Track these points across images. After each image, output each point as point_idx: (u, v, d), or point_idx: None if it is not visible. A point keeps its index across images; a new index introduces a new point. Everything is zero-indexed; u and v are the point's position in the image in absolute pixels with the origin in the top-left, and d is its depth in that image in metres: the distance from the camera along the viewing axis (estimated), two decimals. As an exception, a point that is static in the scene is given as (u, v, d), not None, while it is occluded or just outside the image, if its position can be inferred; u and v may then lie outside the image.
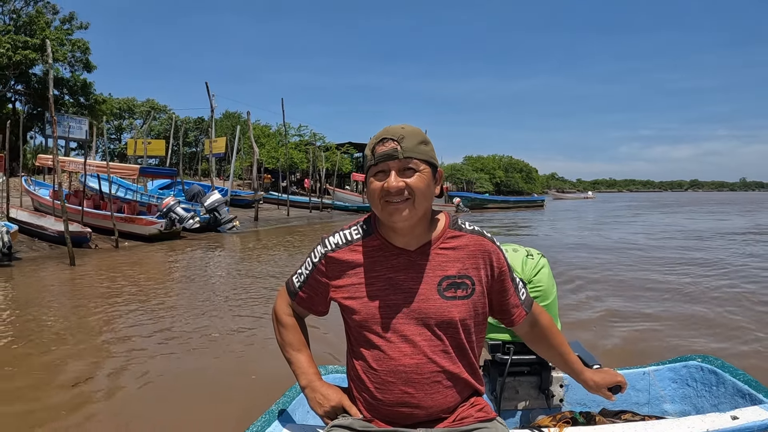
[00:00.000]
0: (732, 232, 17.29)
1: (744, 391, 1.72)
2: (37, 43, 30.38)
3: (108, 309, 6.32)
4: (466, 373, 1.37)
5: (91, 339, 5.12)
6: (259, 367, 4.19)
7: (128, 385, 3.91)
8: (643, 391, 1.99)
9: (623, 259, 10.53)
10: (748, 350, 4.66)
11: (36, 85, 34.37)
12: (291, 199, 27.97)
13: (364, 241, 1.39)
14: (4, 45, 28.46)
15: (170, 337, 5.13)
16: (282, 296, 1.54)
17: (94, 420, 3.31)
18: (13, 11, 33.39)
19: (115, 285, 8.00)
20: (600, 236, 16.42)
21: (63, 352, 4.67)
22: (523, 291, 1.48)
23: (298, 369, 1.48)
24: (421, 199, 1.29)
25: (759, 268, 9.03)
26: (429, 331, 1.33)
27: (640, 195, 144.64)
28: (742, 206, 42.73)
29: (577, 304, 6.49)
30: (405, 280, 1.34)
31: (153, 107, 59.30)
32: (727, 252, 11.56)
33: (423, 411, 1.33)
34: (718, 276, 8.39)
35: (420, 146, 1.30)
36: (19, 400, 3.60)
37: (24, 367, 4.29)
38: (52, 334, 5.22)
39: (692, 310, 6.11)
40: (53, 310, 6.35)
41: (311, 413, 1.62)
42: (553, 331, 1.54)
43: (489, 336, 1.89)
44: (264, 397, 2.40)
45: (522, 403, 1.97)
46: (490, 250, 1.38)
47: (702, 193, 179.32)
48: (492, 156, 79.64)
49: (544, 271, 1.93)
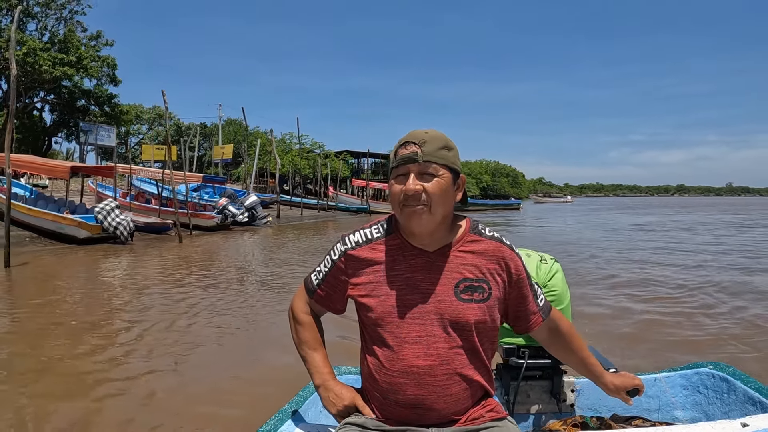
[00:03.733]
0: (621, 227, 22.06)
1: (755, 398, 1.70)
2: (72, 60, 34.18)
3: (228, 262, 10.51)
4: (479, 375, 1.36)
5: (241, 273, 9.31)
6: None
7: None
8: (654, 397, 1.98)
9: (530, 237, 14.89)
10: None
11: (65, 95, 38.07)
12: (300, 201, 32.30)
13: (384, 240, 1.40)
14: (45, 62, 32.19)
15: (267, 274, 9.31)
16: (300, 294, 1.54)
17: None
18: (44, 28, 37.31)
19: (220, 251, 12.21)
20: (539, 225, 20.94)
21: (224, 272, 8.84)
22: (542, 297, 1.48)
23: (312, 367, 1.47)
24: (438, 204, 1.29)
25: (638, 249, 13.34)
26: (444, 333, 1.32)
27: (622, 199, 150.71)
28: (677, 208, 48.06)
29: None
30: (423, 281, 1.34)
31: (159, 114, 63.09)
32: (595, 239, 15.99)
33: (435, 413, 1.33)
34: (587, 257, 12.65)
35: (441, 151, 1.30)
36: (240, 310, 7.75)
37: (231, 292, 8.43)
38: (223, 278, 9.40)
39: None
40: (206, 266, 10.52)
41: (324, 413, 1.61)
42: (573, 335, 1.53)
43: (503, 340, 1.90)
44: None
45: (533, 407, 1.97)
46: (508, 256, 1.38)
47: (679, 198, 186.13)
48: (479, 161, 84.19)
49: (558, 275, 1.93)
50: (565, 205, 69.19)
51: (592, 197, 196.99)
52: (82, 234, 13.22)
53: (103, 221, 13.36)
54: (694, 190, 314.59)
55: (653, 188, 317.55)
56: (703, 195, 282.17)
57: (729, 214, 36.79)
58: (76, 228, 13.21)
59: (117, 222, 13.46)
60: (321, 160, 42.88)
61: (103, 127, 36.70)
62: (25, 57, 30.93)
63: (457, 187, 1.35)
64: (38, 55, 31.59)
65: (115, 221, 13.44)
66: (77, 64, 33.99)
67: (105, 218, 13.37)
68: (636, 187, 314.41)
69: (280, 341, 4.52)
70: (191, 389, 3.66)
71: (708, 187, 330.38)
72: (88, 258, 11.23)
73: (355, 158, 56.48)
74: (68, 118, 39.63)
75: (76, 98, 37.98)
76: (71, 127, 40.08)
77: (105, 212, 13.49)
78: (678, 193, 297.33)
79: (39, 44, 32.62)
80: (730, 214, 35.39)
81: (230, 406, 3.35)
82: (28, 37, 33.14)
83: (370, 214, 35.70)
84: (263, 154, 41.00)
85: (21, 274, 8.98)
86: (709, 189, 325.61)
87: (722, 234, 18.35)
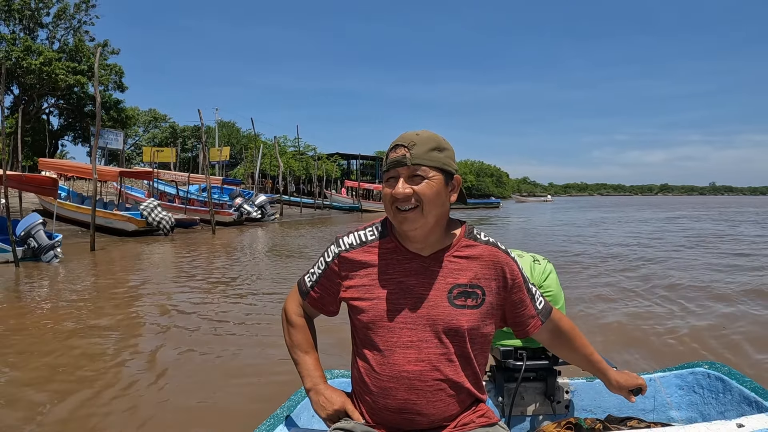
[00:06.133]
0: (577, 221, 25.34)
1: (751, 398, 1.70)
2: (84, 69, 36.77)
3: (249, 251, 13.52)
4: (469, 383, 1.36)
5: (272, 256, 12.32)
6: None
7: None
8: (649, 397, 1.97)
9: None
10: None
11: (74, 100, 40.53)
12: (299, 200, 35.45)
13: (378, 242, 1.39)
14: (61, 71, 34.72)
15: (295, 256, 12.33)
16: (293, 296, 1.53)
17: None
18: (54, 37, 39.79)
19: (245, 239, 15.23)
20: (507, 220, 24.25)
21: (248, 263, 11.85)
22: (541, 300, 1.46)
23: (304, 371, 1.47)
24: (429, 206, 1.27)
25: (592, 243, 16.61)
26: (436, 338, 1.31)
27: (601, 198, 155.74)
28: (642, 207, 51.84)
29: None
30: (416, 285, 1.33)
31: (155, 117, 65.56)
32: (543, 229, 19.27)
33: (425, 418, 1.33)
34: (524, 237, 15.86)
35: (431, 153, 1.28)
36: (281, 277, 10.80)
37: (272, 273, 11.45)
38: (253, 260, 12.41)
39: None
40: (236, 253, 13.51)
41: (316, 418, 1.61)
42: (576, 333, 1.52)
43: (500, 342, 1.89)
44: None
45: (527, 409, 1.96)
46: (504, 261, 1.37)
47: (661, 197, 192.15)
48: (464, 161, 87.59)
49: (552, 276, 1.93)
50: (545, 204, 72.95)
51: (576, 197, 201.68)
52: (130, 227, 16.11)
53: (148, 217, 16.27)
54: (678, 190, 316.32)
55: (637, 188, 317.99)
56: (687, 194, 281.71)
57: (682, 211, 40.27)
58: (126, 222, 16.11)
59: (160, 217, 16.39)
60: (314, 162, 45.93)
61: (111, 132, 39.29)
62: (42, 66, 33.51)
63: (451, 189, 1.33)
64: (54, 64, 34.13)
65: (159, 216, 16.37)
66: (88, 72, 36.62)
67: (149, 214, 16.29)
68: (620, 186, 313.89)
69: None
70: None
71: (691, 187, 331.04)
72: (144, 245, 14.16)
73: (345, 160, 59.62)
74: (75, 122, 42.19)
75: (84, 103, 40.55)
76: (77, 130, 42.65)
77: (149, 209, 16.41)
78: (661, 193, 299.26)
79: (54, 54, 35.16)
80: (680, 211, 38.86)
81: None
82: (43, 47, 35.65)
83: (361, 212, 38.80)
84: (263, 157, 43.95)
85: (104, 254, 11.94)
86: (693, 188, 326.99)
87: (647, 227, 21.74)
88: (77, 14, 40.40)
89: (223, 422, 3.11)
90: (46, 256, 10.22)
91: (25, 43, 34.35)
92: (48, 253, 10.23)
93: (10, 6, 35.89)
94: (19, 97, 37.45)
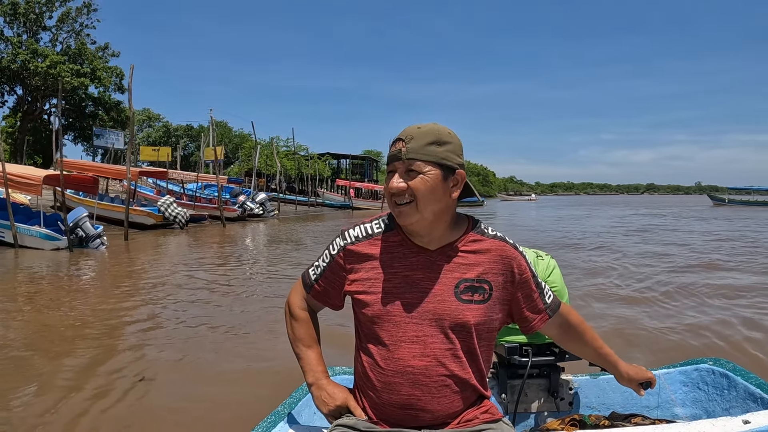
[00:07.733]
0: (552, 217, 27.77)
1: (756, 394, 1.69)
2: (87, 71, 38.41)
3: (259, 240, 15.59)
4: (475, 379, 1.35)
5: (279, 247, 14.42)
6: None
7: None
8: (654, 394, 1.95)
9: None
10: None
11: (76, 102, 42.09)
12: (295, 198, 37.72)
13: (384, 235, 1.37)
14: (66, 73, 36.33)
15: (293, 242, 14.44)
16: (297, 289, 1.52)
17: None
18: (55, 39, 41.35)
19: (251, 231, 17.31)
20: (489, 215, 26.63)
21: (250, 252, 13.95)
22: (550, 294, 1.46)
23: (306, 365, 1.46)
24: (424, 202, 1.25)
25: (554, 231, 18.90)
26: (441, 333, 1.30)
27: (584, 197, 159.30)
28: (621, 206, 54.67)
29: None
30: (422, 279, 1.32)
31: (149, 116, 67.08)
32: (517, 221, 21.61)
33: (429, 414, 1.31)
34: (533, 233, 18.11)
35: (429, 147, 1.26)
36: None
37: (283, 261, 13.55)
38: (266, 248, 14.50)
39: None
40: (249, 240, 15.57)
41: (318, 414, 1.59)
42: (585, 327, 1.52)
43: (505, 338, 1.89)
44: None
45: (531, 405, 1.96)
46: (512, 256, 1.37)
47: (648, 196, 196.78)
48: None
49: (556, 271, 1.94)
50: (529, 203, 75.48)
51: (562, 195, 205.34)
52: (149, 222, 18.08)
53: (164, 212, 18.28)
54: (664, 189, 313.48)
55: (623, 187, 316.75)
56: (673, 194, 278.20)
57: (654, 210, 42.86)
58: (146, 217, 18.09)
59: (176, 213, 18.40)
60: (305, 161, 48.13)
61: (113, 132, 40.96)
62: (48, 69, 35.17)
63: (453, 184, 1.29)
64: (59, 67, 35.77)
65: (175, 212, 18.38)
66: (91, 74, 38.31)
67: (166, 209, 18.29)
68: (607, 185, 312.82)
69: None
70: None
71: (677, 186, 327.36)
72: (169, 236, 16.20)
73: (335, 159, 61.83)
74: (76, 122, 43.77)
75: (85, 105, 42.20)
76: (78, 130, 44.26)
77: (166, 205, 18.42)
78: (648, 192, 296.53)
79: (58, 57, 36.78)
80: (651, 209, 41.42)
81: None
82: (48, 50, 37.25)
83: (352, 210, 40.92)
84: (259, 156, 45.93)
85: (136, 244, 13.98)
86: (679, 188, 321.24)
87: (610, 222, 24.16)
88: (79, 17, 41.99)
89: (223, 421, 3.13)
90: (94, 243, 12.21)
91: (31, 46, 35.90)
92: (95, 240, 12.23)
93: (16, 9, 37.37)
94: (23, 98, 39.06)
